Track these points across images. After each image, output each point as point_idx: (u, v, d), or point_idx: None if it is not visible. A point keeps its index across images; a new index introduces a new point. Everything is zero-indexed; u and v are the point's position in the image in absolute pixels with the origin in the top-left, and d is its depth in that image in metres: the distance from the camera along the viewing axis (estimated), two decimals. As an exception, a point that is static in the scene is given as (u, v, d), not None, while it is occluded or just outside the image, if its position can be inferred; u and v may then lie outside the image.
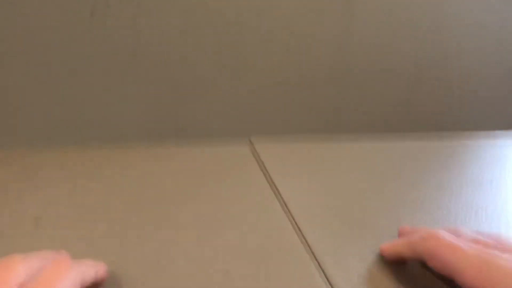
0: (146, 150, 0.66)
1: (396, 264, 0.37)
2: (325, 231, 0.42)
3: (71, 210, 0.46)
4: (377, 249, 0.39)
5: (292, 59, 0.95)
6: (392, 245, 0.37)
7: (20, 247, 0.38)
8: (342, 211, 0.47)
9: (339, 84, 1.01)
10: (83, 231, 0.42)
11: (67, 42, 0.81)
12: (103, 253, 0.38)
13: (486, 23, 1.03)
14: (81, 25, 0.80)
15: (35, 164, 0.59)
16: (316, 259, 0.38)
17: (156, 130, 0.91)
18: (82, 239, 0.40)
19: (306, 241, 0.41)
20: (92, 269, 0.31)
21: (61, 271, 0.29)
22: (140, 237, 0.41)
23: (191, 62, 0.89)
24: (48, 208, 0.46)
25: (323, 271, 0.36)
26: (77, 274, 0.29)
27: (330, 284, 0.34)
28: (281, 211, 0.47)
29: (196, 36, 0.87)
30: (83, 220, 0.44)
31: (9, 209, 0.46)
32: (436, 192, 0.52)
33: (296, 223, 0.44)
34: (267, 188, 0.53)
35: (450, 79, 1.06)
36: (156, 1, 0.82)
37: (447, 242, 0.31)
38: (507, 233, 0.43)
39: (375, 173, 0.59)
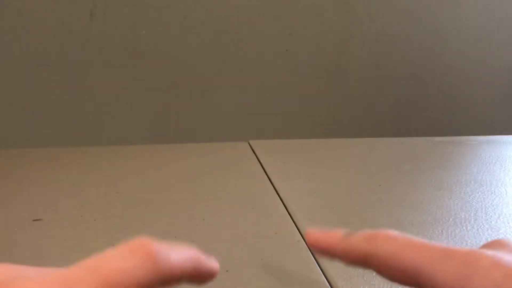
0: (146, 152, 0.66)
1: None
2: (325, 231, 0.42)
3: (71, 210, 0.46)
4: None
5: (292, 62, 0.95)
6: (325, 237, 0.28)
7: (20, 246, 0.38)
8: (342, 211, 0.47)
9: (340, 86, 1.01)
10: (83, 230, 0.42)
11: (67, 42, 0.81)
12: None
13: (486, 26, 1.03)
14: (81, 26, 0.80)
15: (35, 164, 0.59)
16: (316, 259, 0.38)
17: (156, 132, 0.91)
18: (82, 239, 0.40)
19: (306, 241, 0.41)
20: None
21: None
22: (140, 235, 0.41)
23: (191, 64, 0.89)
24: (48, 208, 0.46)
25: (322, 271, 0.36)
26: None
27: (330, 284, 0.34)
28: (281, 211, 0.47)
29: (196, 38, 0.87)
30: (83, 219, 0.44)
31: (9, 209, 0.46)
32: (436, 192, 0.52)
33: (296, 223, 0.44)
34: (267, 189, 0.53)
35: (450, 81, 1.06)
36: (156, 2, 0.82)
37: (407, 241, 0.23)
38: (506, 233, 0.43)
39: (374, 173, 0.59)
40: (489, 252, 0.21)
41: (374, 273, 0.36)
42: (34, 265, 0.33)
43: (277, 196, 0.51)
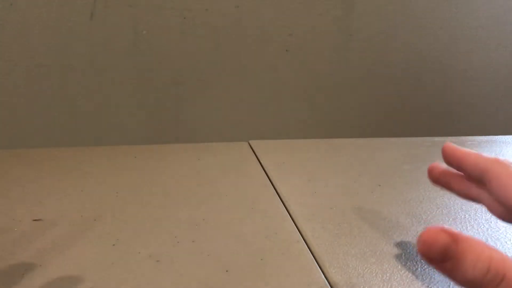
0: (146, 152, 0.66)
1: (395, 264, 0.37)
2: (324, 231, 0.42)
3: (71, 210, 0.46)
4: (376, 249, 0.39)
5: (292, 62, 0.95)
6: (459, 149, 0.34)
7: (20, 246, 0.38)
8: (342, 211, 0.47)
9: (340, 86, 1.01)
10: (83, 230, 0.42)
11: (67, 43, 0.81)
12: (102, 253, 0.38)
13: (486, 26, 1.03)
14: (81, 26, 0.80)
15: (35, 164, 0.59)
16: (316, 259, 0.38)
17: (156, 132, 0.91)
18: (81, 238, 0.40)
19: (306, 241, 0.41)
20: None
21: None
22: (140, 236, 0.41)
23: (191, 64, 0.89)
24: (48, 208, 0.46)
25: (322, 271, 0.36)
26: None
27: (330, 283, 0.34)
28: (281, 211, 0.47)
29: (196, 38, 0.87)
30: (83, 219, 0.44)
31: (9, 209, 0.46)
32: (435, 192, 0.52)
33: (296, 223, 0.44)
34: (267, 189, 0.53)
35: (450, 81, 1.06)
36: (156, 2, 0.82)
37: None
38: (506, 233, 0.43)
39: (374, 173, 0.59)
40: None
41: (374, 273, 0.36)
42: (33, 265, 0.33)
43: (277, 196, 0.51)
